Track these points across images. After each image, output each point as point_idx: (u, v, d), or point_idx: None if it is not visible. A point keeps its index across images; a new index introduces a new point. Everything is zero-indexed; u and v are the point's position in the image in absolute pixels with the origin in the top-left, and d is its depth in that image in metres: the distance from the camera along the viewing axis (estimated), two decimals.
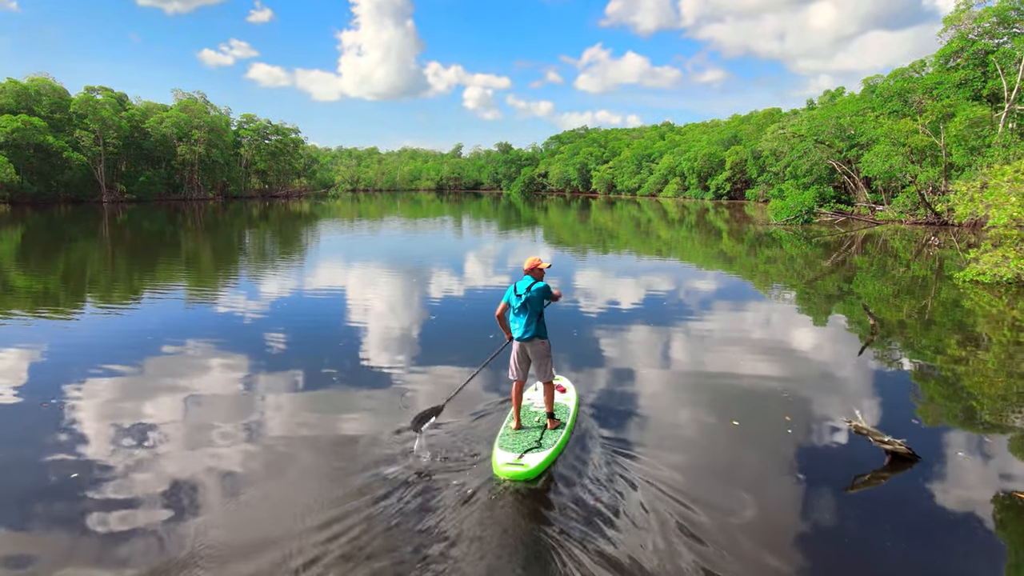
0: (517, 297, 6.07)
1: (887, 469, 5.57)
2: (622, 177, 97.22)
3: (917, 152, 33.35)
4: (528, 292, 6.03)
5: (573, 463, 5.66)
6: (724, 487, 5.23)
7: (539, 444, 5.71)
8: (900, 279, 16.85)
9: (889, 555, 4.35)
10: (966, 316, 12.49)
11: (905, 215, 34.70)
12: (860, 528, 4.65)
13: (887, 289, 15.43)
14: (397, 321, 11.86)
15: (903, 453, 5.59)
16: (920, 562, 4.32)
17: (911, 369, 8.91)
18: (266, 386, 7.94)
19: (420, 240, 30.91)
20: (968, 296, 14.10)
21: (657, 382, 8.22)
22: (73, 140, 61.84)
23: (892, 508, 4.95)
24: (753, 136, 68.43)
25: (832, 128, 41.28)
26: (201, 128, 72.83)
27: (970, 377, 8.54)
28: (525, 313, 6.04)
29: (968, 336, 10.75)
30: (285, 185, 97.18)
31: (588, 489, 5.15)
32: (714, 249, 25.87)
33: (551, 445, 5.71)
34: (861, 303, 12.83)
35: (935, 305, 13.48)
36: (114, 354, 9.33)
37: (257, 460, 5.80)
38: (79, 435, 6.37)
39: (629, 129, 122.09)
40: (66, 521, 4.79)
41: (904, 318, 12.21)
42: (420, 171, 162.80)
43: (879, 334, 10.63)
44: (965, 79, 33.50)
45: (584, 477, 5.37)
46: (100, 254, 23.20)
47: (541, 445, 5.69)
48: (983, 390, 8.02)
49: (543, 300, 6.11)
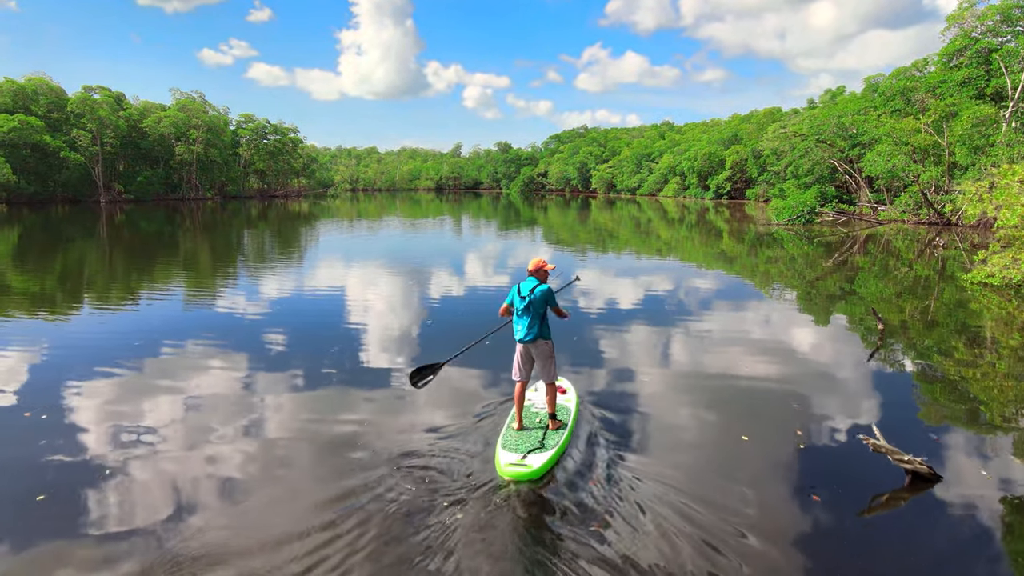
0: (521, 299, 6.06)
1: (907, 490, 5.27)
2: (622, 176, 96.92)
3: (920, 151, 33.07)
4: (531, 294, 6.02)
5: (575, 464, 5.68)
6: (730, 500, 5.03)
7: (542, 445, 5.72)
8: (904, 280, 16.57)
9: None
10: (976, 320, 12.20)
11: (908, 215, 34.38)
12: (878, 555, 4.37)
13: (892, 290, 15.16)
14: (395, 321, 11.83)
15: (924, 473, 5.30)
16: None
17: (923, 378, 8.62)
18: (264, 387, 7.90)
19: (419, 240, 30.60)
20: (976, 299, 13.81)
21: (658, 384, 8.14)
22: (70, 140, 61.55)
23: (912, 533, 4.67)
24: (754, 135, 68.13)
25: (834, 127, 40.94)
26: (199, 128, 72.50)
27: (985, 386, 8.26)
28: (528, 315, 6.04)
29: (979, 341, 10.46)
30: (284, 185, 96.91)
31: (590, 491, 5.16)
32: (715, 249, 25.60)
33: (553, 446, 5.73)
34: (869, 307, 12.53)
35: (943, 308, 13.19)
36: (109, 355, 9.25)
37: (256, 462, 5.78)
38: (71, 437, 6.33)
39: (629, 128, 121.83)
40: (60, 523, 4.78)
41: (912, 321, 11.92)
42: (419, 171, 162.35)
43: (887, 339, 10.35)
44: (968, 77, 33.17)
45: (586, 478, 5.39)
46: (97, 254, 22.99)
47: (544, 446, 5.71)
48: (1000, 401, 7.73)
49: (546, 302, 6.08)
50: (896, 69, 40.56)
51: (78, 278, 17.67)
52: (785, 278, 17.81)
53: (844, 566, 4.25)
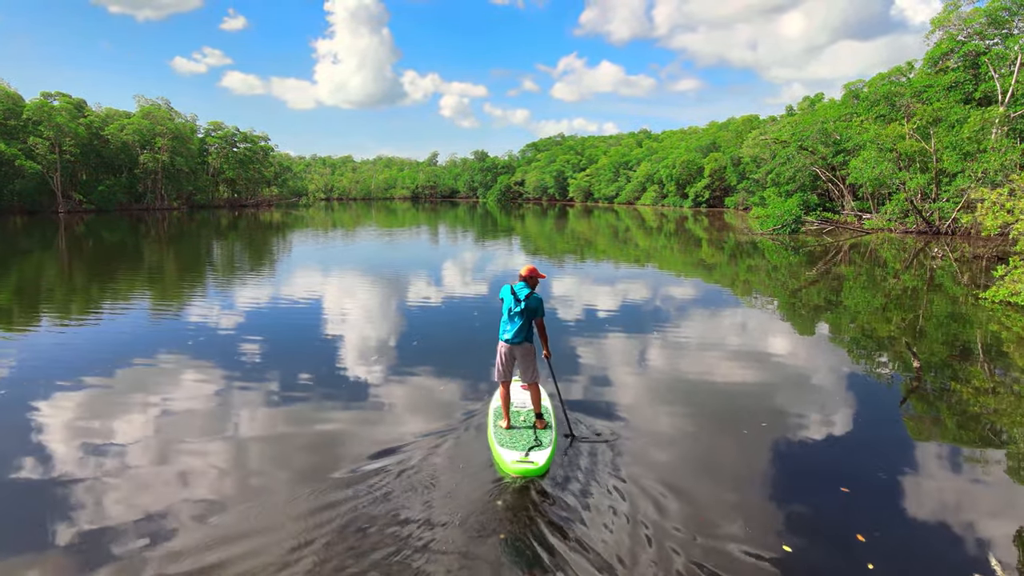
0: (517, 302, 6.19)
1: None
2: (599, 185, 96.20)
3: (905, 158, 32.33)
4: (527, 300, 6.17)
5: (567, 458, 5.95)
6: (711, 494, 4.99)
7: (539, 442, 5.94)
8: (916, 301, 15.39)
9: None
10: (1014, 348, 10.95)
11: (894, 223, 33.56)
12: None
13: (906, 315, 13.90)
14: (372, 333, 11.52)
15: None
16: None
17: (974, 430, 7.29)
18: (236, 400, 7.69)
19: (396, 250, 28.91)
20: (1000, 320, 12.59)
21: (638, 387, 8.34)
22: (27, 148, 58.71)
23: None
24: (732, 143, 67.73)
25: (816, 133, 40.14)
26: (164, 135, 70.06)
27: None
28: (522, 319, 6.20)
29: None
30: (254, 194, 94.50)
31: (583, 478, 5.51)
32: (693, 257, 24.38)
33: (549, 443, 5.96)
34: (903, 341, 10.90)
35: (966, 332, 11.92)
36: (71, 370, 8.91)
37: (233, 474, 5.69)
38: (35, 453, 6.12)
39: (606, 136, 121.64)
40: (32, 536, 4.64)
41: (937, 349, 10.62)
42: (395, 179, 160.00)
43: (923, 378, 8.94)
44: (956, 82, 32.39)
45: (578, 471, 5.67)
46: (55, 268, 20.99)
47: (541, 443, 5.92)
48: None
49: (537, 311, 6.22)
50: (881, 73, 39.83)
51: (34, 293, 16.35)
52: (774, 290, 16.55)
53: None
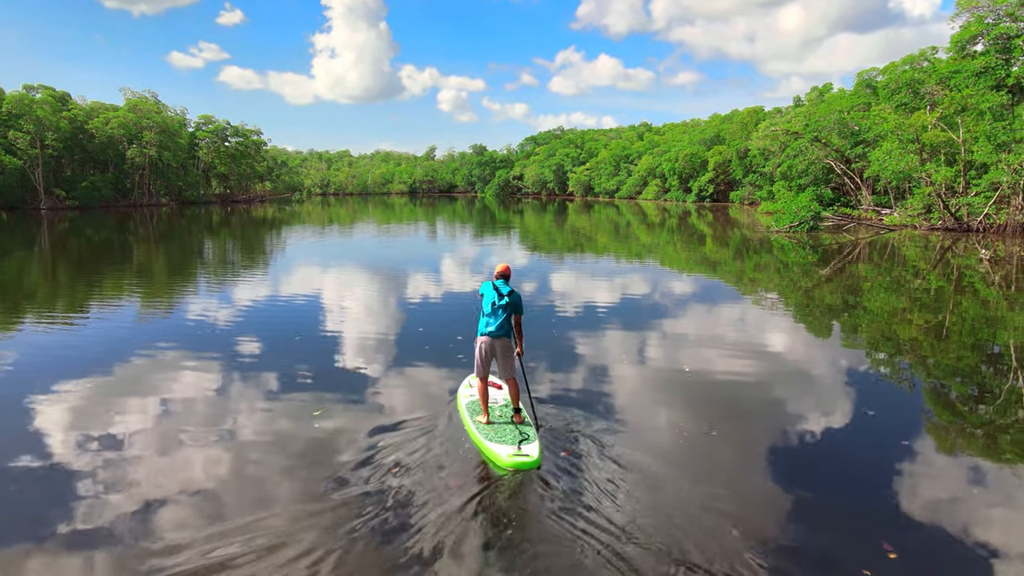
0: (500, 296, 6.22)
1: None
2: (600, 179, 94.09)
3: (928, 149, 30.33)
4: (511, 296, 6.23)
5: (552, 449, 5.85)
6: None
7: (526, 436, 5.85)
8: (997, 307, 13.45)
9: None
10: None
11: (917, 219, 31.53)
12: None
13: (984, 333, 11.98)
14: (367, 328, 11.27)
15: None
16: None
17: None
18: (233, 395, 7.58)
19: (394, 247, 26.95)
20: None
21: (635, 380, 8.28)
22: (6, 142, 56.55)
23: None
24: (737, 135, 65.73)
25: (833, 124, 37.96)
26: (151, 129, 67.81)
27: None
28: (504, 314, 6.24)
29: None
30: (247, 189, 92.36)
31: (572, 466, 5.51)
32: (696, 254, 22.42)
33: (535, 436, 5.88)
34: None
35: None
36: (63, 370, 8.61)
37: (233, 469, 5.51)
38: (33, 450, 5.95)
39: (606, 129, 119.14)
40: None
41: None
42: (393, 174, 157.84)
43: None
44: (986, 66, 30.12)
45: (566, 462, 5.59)
46: (39, 267, 19.14)
47: (528, 437, 5.84)
48: None
49: (517, 307, 6.30)
50: (904, 57, 37.36)
51: (16, 291, 15.58)
52: (822, 311, 14.58)
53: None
